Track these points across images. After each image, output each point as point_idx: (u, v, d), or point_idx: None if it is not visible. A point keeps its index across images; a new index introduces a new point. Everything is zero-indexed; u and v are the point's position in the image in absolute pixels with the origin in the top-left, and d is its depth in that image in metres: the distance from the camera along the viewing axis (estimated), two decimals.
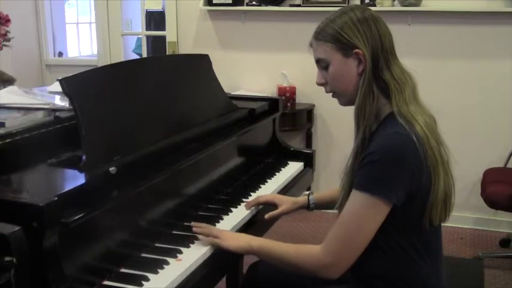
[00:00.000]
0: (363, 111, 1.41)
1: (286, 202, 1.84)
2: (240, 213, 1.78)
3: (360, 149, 1.42)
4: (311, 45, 1.49)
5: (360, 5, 1.53)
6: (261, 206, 1.85)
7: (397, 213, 1.35)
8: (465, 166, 3.02)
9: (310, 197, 1.86)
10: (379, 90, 1.41)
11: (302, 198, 1.87)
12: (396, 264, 1.43)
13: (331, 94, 1.51)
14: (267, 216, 1.79)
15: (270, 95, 3.66)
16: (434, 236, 1.45)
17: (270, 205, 1.85)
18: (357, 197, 1.36)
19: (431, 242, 1.45)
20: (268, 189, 2.03)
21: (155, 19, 5.56)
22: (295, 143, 3.81)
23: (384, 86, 1.41)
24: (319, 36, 1.45)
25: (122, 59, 4.22)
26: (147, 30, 5.04)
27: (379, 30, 1.41)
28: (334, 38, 1.42)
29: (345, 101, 1.49)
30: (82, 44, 6.35)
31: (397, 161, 1.32)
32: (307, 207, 1.86)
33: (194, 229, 1.57)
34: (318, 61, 1.48)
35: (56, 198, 1.17)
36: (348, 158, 1.47)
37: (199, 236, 1.54)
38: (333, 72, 1.45)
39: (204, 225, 1.59)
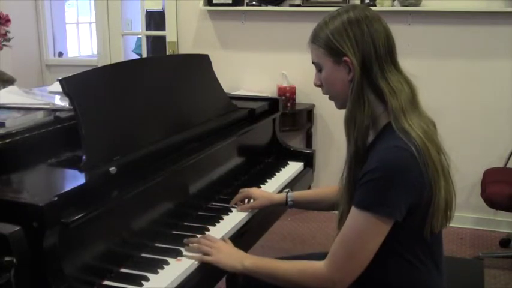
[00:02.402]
0: (353, 121, 1.37)
1: (260, 197, 1.82)
2: (239, 214, 1.78)
3: (354, 162, 1.38)
4: (308, 46, 1.48)
5: (359, 5, 1.50)
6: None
7: (399, 226, 1.33)
8: (465, 166, 3.03)
9: (289, 194, 1.83)
10: (375, 98, 1.38)
11: (279, 196, 1.86)
12: (398, 272, 1.41)
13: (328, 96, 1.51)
14: (238, 209, 1.79)
15: (270, 95, 3.66)
16: (435, 242, 1.43)
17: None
18: (358, 216, 1.32)
19: (433, 247, 1.43)
20: (268, 189, 2.03)
21: (155, 19, 5.57)
22: (295, 143, 3.81)
23: (379, 93, 1.37)
24: (314, 39, 1.43)
25: (122, 59, 4.22)
26: (147, 30, 5.04)
27: (373, 33, 1.36)
28: (326, 43, 1.39)
29: (340, 105, 1.47)
30: (82, 44, 6.35)
31: (399, 178, 1.29)
32: (285, 203, 1.83)
33: (186, 247, 1.50)
34: (314, 63, 1.47)
35: (56, 198, 1.17)
36: (343, 171, 1.44)
37: (189, 252, 1.48)
38: (325, 77, 1.43)
39: (194, 240, 1.53)
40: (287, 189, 1.88)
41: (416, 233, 1.37)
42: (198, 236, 1.56)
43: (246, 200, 1.84)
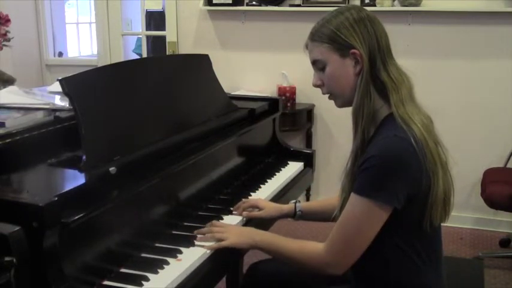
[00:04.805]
0: (361, 112, 1.40)
1: (268, 208, 1.80)
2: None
3: (360, 152, 1.41)
4: (306, 46, 1.48)
5: (355, 5, 1.52)
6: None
7: (398, 216, 1.34)
8: (465, 166, 3.03)
9: (298, 204, 1.81)
10: (376, 91, 1.41)
11: (287, 206, 1.82)
12: (397, 266, 1.42)
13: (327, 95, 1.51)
14: (244, 214, 1.76)
15: (270, 95, 3.66)
16: (434, 237, 1.44)
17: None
18: (357, 202, 1.35)
19: (432, 243, 1.44)
20: (268, 189, 2.03)
21: (155, 19, 5.57)
22: (295, 143, 3.81)
23: (380, 86, 1.40)
24: (315, 37, 1.44)
25: (122, 59, 4.23)
26: (147, 30, 5.04)
27: (376, 30, 1.40)
28: (331, 38, 1.41)
29: (342, 103, 1.48)
30: (82, 44, 6.35)
31: (398, 165, 1.31)
32: (293, 215, 1.81)
33: (198, 238, 1.54)
34: (314, 62, 1.47)
35: (56, 198, 1.17)
36: (347, 160, 1.46)
37: (205, 243, 1.51)
38: (330, 73, 1.44)
39: (205, 230, 1.56)
40: (294, 200, 1.85)
41: (416, 225, 1.38)
42: (204, 243, 1.54)
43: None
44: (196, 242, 1.52)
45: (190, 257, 1.46)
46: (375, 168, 1.31)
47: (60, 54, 5.31)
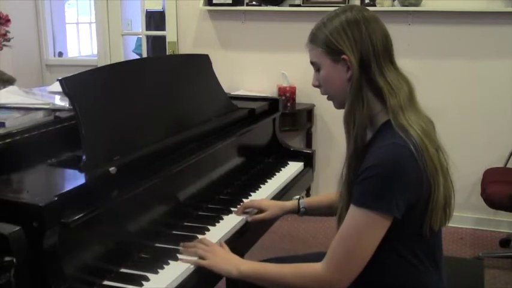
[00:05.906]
0: (352, 118, 1.38)
1: (272, 207, 1.78)
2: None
3: (354, 160, 1.39)
4: (307, 46, 1.48)
5: (356, 6, 1.50)
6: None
7: (397, 223, 1.33)
8: (465, 166, 3.03)
9: (301, 201, 1.80)
10: (374, 96, 1.38)
11: (290, 203, 1.81)
12: (396, 270, 1.41)
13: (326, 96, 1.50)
14: (249, 219, 1.75)
15: (270, 95, 3.66)
16: (434, 241, 1.43)
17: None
18: (356, 213, 1.32)
19: (432, 247, 1.43)
20: (268, 189, 2.03)
21: (155, 19, 5.57)
22: (295, 143, 3.81)
23: (378, 91, 1.38)
24: (312, 39, 1.44)
25: (122, 59, 4.23)
26: (147, 30, 5.04)
27: (371, 33, 1.37)
28: (324, 42, 1.40)
29: (339, 105, 1.47)
30: (82, 44, 6.35)
31: (397, 175, 1.29)
32: (297, 211, 1.80)
33: (181, 249, 1.48)
34: (312, 63, 1.47)
35: (56, 198, 1.17)
36: (342, 167, 1.44)
37: (184, 256, 1.46)
38: (324, 76, 1.44)
39: (190, 244, 1.51)
40: (297, 196, 1.83)
41: (415, 230, 1.37)
42: (199, 236, 1.56)
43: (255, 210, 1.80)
44: (178, 256, 1.46)
45: (190, 257, 1.46)
46: (374, 178, 1.29)
47: (60, 54, 5.31)
